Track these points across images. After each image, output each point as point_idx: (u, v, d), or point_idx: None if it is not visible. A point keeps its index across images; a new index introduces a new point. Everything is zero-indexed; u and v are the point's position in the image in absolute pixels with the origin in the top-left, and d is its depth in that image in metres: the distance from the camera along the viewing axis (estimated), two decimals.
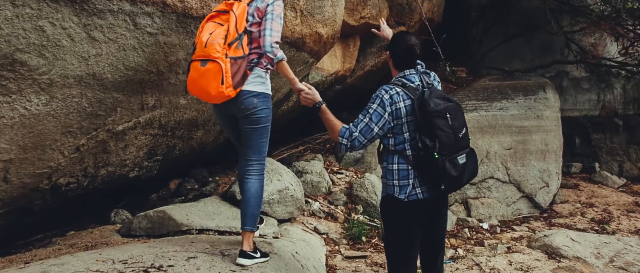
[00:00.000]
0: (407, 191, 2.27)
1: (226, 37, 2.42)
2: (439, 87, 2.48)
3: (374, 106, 2.26)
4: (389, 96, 2.25)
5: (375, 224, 5.15)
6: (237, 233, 3.58)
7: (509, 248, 4.73)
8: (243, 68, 2.47)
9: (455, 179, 2.21)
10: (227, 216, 3.94)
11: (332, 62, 5.79)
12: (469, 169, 2.30)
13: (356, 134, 2.26)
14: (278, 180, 4.49)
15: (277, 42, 2.52)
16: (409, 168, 2.27)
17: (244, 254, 2.58)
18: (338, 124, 2.35)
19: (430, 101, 2.18)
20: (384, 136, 2.33)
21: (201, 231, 3.43)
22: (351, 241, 4.74)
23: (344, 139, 2.29)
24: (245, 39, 2.50)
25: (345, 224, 5.08)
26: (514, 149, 6.76)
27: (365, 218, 5.29)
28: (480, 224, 5.63)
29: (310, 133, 7.33)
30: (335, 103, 5.24)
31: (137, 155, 3.69)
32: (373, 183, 5.51)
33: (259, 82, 2.57)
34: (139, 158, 3.76)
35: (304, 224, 4.83)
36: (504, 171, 6.66)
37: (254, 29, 2.57)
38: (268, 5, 2.55)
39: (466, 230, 5.30)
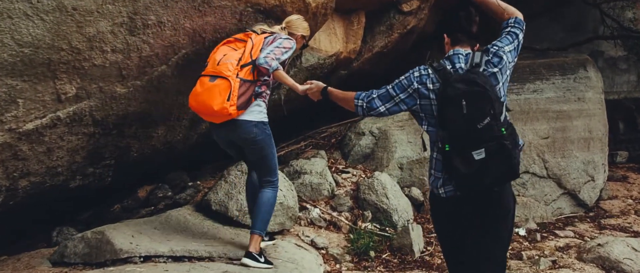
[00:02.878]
0: (439, 184, 2.09)
1: (240, 59, 2.61)
2: (502, 65, 2.14)
3: (402, 78, 2.18)
4: (418, 74, 2.15)
5: (386, 234, 4.26)
6: (198, 259, 2.76)
7: (554, 262, 3.76)
8: (250, 92, 2.62)
9: (466, 177, 1.94)
10: (192, 234, 3.12)
11: (331, 42, 4.89)
12: (494, 168, 1.92)
13: (374, 96, 2.18)
14: None
15: (270, 58, 2.62)
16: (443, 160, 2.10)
17: (249, 255, 2.72)
18: (351, 93, 2.28)
19: (450, 85, 1.98)
20: (417, 115, 2.18)
21: (148, 258, 2.62)
22: (356, 257, 3.87)
23: (360, 101, 2.21)
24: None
25: (350, 235, 4.21)
26: (552, 138, 5.78)
27: (375, 226, 4.39)
28: (516, 230, 4.65)
29: (313, 127, 6.49)
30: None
31: (73, 160, 2.90)
32: (383, 184, 4.61)
33: (257, 112, 2.73)
34: (77, 164, 2.97)
35: (299, 236, 4.00)
36: (541, 165, 5.67)
37: None
38: (279, 38, 2.74)
39: None
